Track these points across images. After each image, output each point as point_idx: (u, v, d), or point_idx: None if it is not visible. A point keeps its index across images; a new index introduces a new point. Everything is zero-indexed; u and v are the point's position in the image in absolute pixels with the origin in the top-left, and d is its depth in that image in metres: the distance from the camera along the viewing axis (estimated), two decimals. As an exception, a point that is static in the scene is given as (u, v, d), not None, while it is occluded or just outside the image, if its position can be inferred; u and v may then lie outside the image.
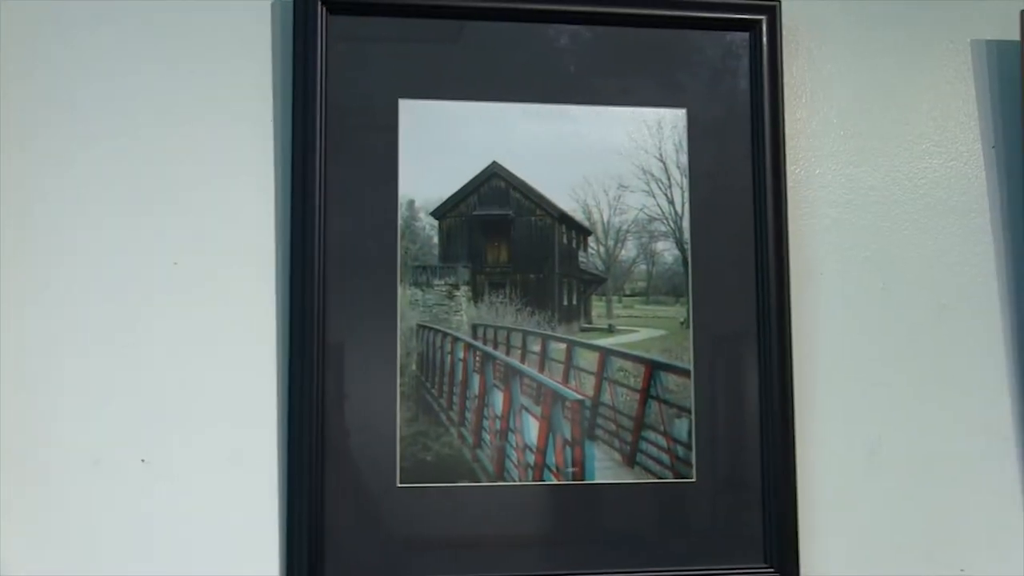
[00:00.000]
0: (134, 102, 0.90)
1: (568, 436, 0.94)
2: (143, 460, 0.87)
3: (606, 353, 0.96)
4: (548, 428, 0.94)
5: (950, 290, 1.02)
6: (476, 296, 0.95)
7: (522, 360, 0.95)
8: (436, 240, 0.95)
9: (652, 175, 0.98)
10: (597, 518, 0.94)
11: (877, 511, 0.98)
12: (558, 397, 0.95)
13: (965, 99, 1.05)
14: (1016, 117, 1.02)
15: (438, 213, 0.95)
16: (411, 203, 0.94)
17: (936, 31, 1.05)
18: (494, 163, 0.96)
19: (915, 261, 1.02)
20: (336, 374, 0.91)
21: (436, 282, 0.94)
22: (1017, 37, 1.01)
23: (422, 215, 0.95)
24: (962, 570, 0.98)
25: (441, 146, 0.95)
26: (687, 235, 0.98)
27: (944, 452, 1.00)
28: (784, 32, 1.00)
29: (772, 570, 0.94)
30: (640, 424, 0.95)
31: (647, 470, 0.95)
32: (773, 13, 1.00)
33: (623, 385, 0.96)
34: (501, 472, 0.93)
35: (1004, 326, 1.02)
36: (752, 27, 1.00)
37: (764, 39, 0.99)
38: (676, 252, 0.98)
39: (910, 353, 1.01)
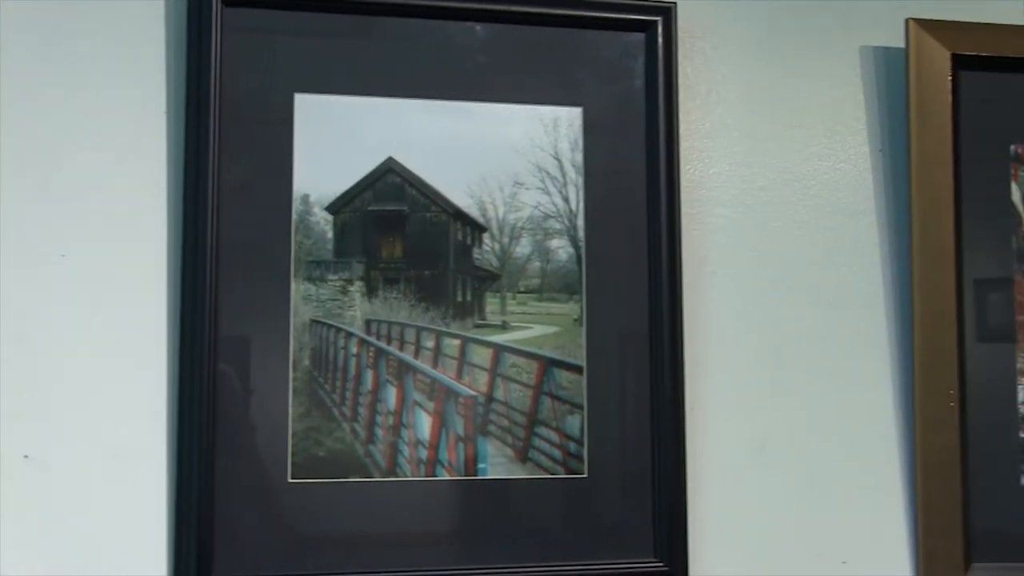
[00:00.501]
0: (24, 93, 1.01)
1: (461, 432, 1.08)
2: (26, 456, 0.98)
3: (500, 349, 1.10)
4: (441, 424, 1.08)
5: (837, 289, 1.18)
6: (370, 291, 1.07)
7: (416, 356, 1.08)
8: (330, 235, 1.07)
9: (548, 173, 1.13)
10: (489, 513, 1.08)
11: (764, 505, 1.13)
12: (451, 393, 1.08)
13: (854, 103, 1.22)
14: (902, 122, 1.20)
15: (333, 208, 1.08)
16: (306, 198, 1.07)
17: (827, 37, 1.21)
18: (390, 159, 1.10)
19: (804, 260, 1.18)
20: (227, 369, 1.03)
21: (330, 277, 1.07)
22: (903, 44, 1.19)
23: (317, 210, 1.07)
24: (844, 562, 1.14)
25: (337, 141, 1.08)
26: (581, 233, 1.13)
27: (829, 447, 1.15)
28: (680, 34, 1.15)
29: (662, 564, 1.09)
30: (533, 420, 1.09)
31: (539, 466, 1.09)
32: (669, 15, 1.15)
33: (516, 381, 1.10)
34: (393, 467, 1.06)
35: (888, 324, 1.19)
36: (648, 28, 1.15)
37: (660, 40, 1.15)
38: (570, 250, 1.13)
39: (798, 350, 1.16)
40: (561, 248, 1.11)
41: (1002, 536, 1.16)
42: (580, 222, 1.11)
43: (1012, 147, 1.21)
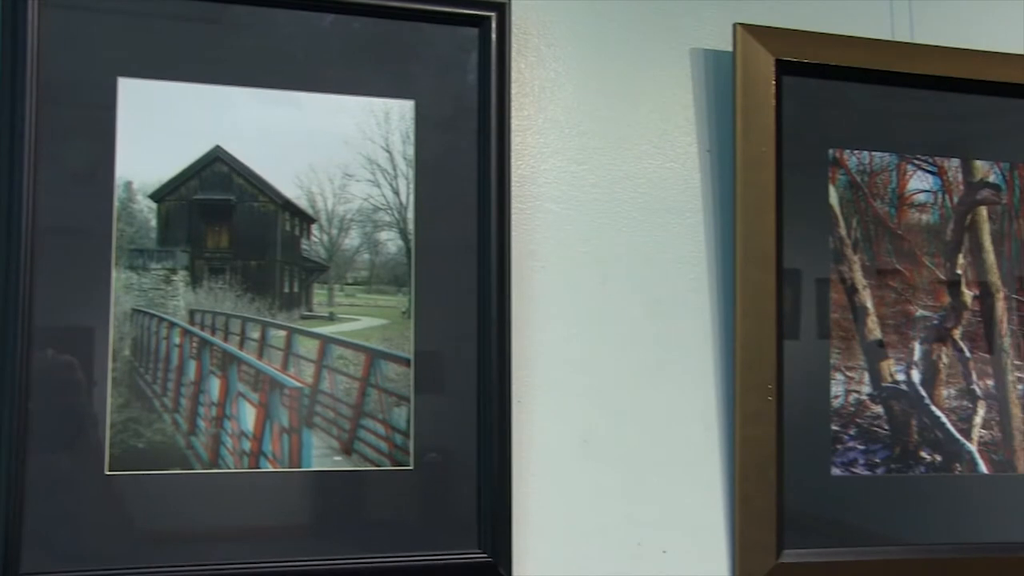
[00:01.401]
0: None
1: (286, 423, 1.34)
2: None
3: (326, 341, 1.37)
4: (265, 415, 1.34)
5: (665, 285, 1.48)
6: (195, 281, 1.33)
7: (240, 347, 1.34)
8: (154, 223, 1.32)
9: (378, 165, 1.41)
10: (313, 505, 1.34)
11: (587, 497, 1.40)
12: (276, 384, 1.35)
13: (684, 104, 1.54)
14: (729, 123, 1.53)
15: (157, 196, 1.32)
16: (128, 185, 1.31)
17: (659, 39, 1.51)
18: (217, 147, 1.35)
19: (633, 257, 1.47)
20: (43, 359, 1.25)
21: (153, 266, 1.32)
22: (731, 48, 1.53)
23: (140, 197, 1.32)
24: (664, 552, 1.46)
25: (163, 128, 1.31)
26: (411, 226, 1.41)
27: (653, 441, 1.44)
28: (514, 30, 1.44)
29: (486, 556, 1.35)
30: (359, 412, 1.37)
31: (365, 458, 1.37)
32: (503, 11, 1.43)
33: (343, 373, 1.37)
34: (215, 459, 1.32)
35: (711, 320, 1.51)
36: (481, 23, 1.43)
37: (493, 36, 1.43)
38: (400, 242, 1.41)
39: (624, 345, 1.45)
40: (390, 240, 1.39)
41: (813, 524, 1.50)
42: (410, 215, 1.39)
43: (831, 151, 1.56)
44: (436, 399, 1.31)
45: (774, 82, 1.44)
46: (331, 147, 1.30)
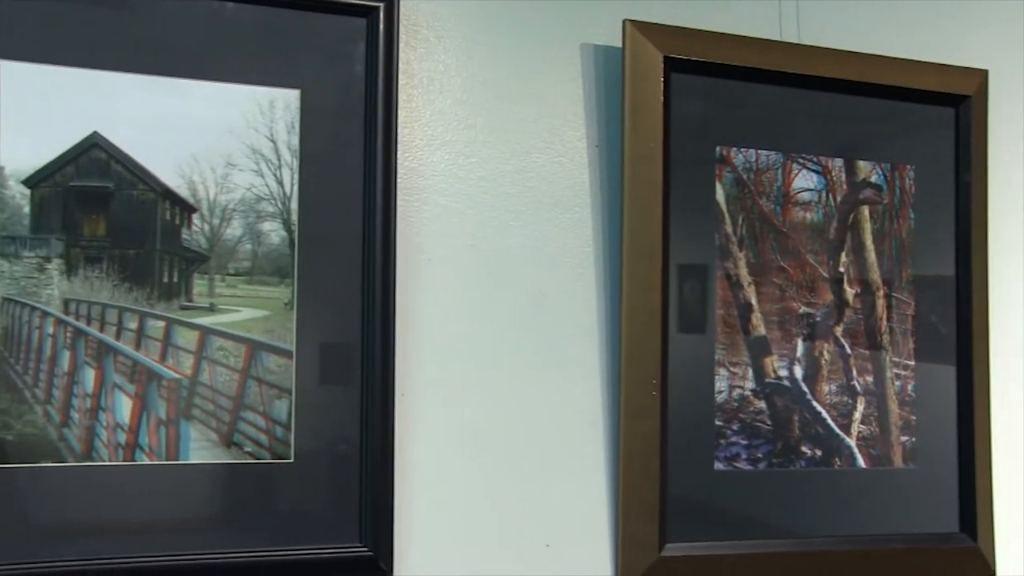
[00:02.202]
0: None
1: (163, 415, 1.34)
2: None
3: (206, 332, 1.37)
4: (142, 407, 1.34)
5: (551, 280, 1.52)
6: (70, 270, 1.32)
7: (117, 337, 1.34)
8: (27, 210, 1.31)
9: (262, 155, 1.41)
10: (191, 499, 1.34)
11: (472, 491, 1.42)
12: (154, 375, 1.35)
13: (573, 99, 1.57)
14: (618, 119, 1.57)
15: (30, 182, 1.31)
16: (0, 170, 1.31)
17: (549, 33, 1.54)
18: (95, 133, 1.34)
19: (519, 251, 1.50)
20: (-92, 348, 1.24)
21: (25, 254, 1.31)
22: (621, 44, 1.56)
23: (12, 183, 1.31)
24: (548, 545, 1.50)
25: (40, 112, 1.28)
26: (295, 216, 1.42)
27: (538, 435, 1.47)
28: (403, 21, 1.45)
29: (367, 550, 1.38)
30: (239, 404, 1.37)
31: (244, 450, 1.38)
32: (391, 2, 1.41)
33: (223, 365, 1.38)
34: (89, 452, 1.31)
35: (598, 315, 1.56)
36: (369, 14, 1.43)
37: (381, 27, 1.44)
38: (283, 233, 1.42)
39: (511, 339, 1.48)
40: (273, 231, 1.40)
41: (696, 518, 1.55)
42: (294, 205, 1.41)
43: (718, 149, 1.61)
44: (318, 391, 1.32)
45: (662, 79, 1.48)
46: (214, 136, 1.31)
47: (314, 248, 1.34)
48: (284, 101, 1.34)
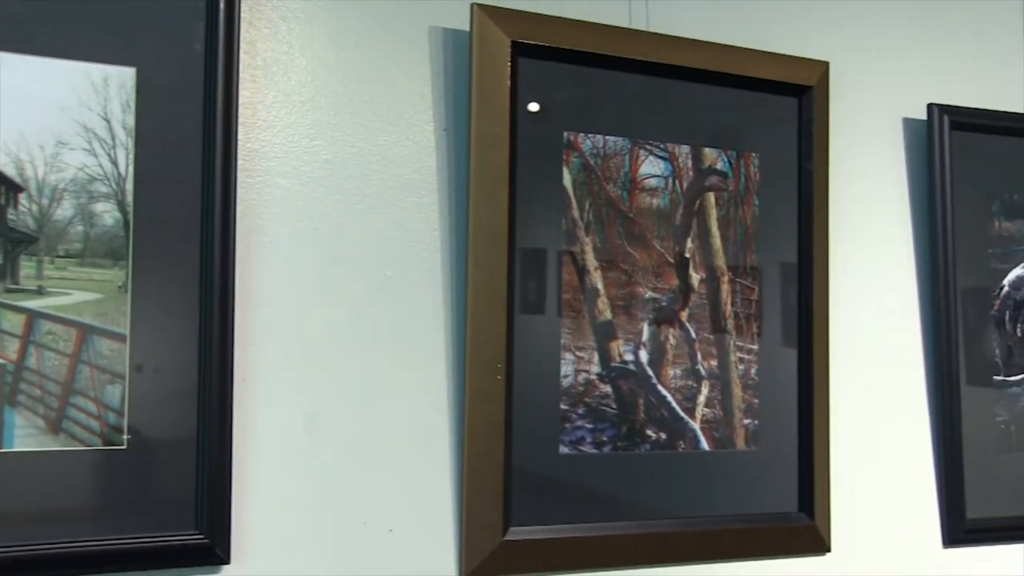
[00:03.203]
0: None
1: (-13, 401, 1.32)
2: None
3: (34, 315, 1.35)
4: (-36, 393, 1.31)
5: (397, 263, 1.53)
6: None
7: (-63, 321, 1.31)
8: None
9: (95, 134, 1.39)
10: (17, 488, 1.32)
11: (312, 476, 1.43)
12: (-23, 360, 1.32)
13: (420, 82, 1.58)
14: (465, 103, 1.59)
15: None
16: None
17: (396, 15, 1.54)
18: (-86, 108, 1.31)
19: (364, 234, 1.51)
20: None
21: None
22: (468, 28, 1.58)
23: None
24: (390, 531, 1.51)
25: None
26: (130, 198, 1.40)
27: (382, 419, 1.48)
28: (246, 0, 1.46)
29: (203, 537, 1.38)
30: (69, 390, 1.35)
31: (74, 437, 1.35)
32: (232, -21, 1.45)
33: (52, 349, 1.35)
34: (-94, 439, 1.28)
35: (444, 299, 1.57)
36: (209, -9, 1.45)
37: (222, 5, 1.43)
38: (117, 214, 1.40)
39: (354, 323, 1.48)
40: (107, 212, 1.38)
41: (540, 502, 1.58)
42: (129, 186, 1.38)
43: (565, 134, 1.64)
44: (153, 376, 1.31)
45: (510, 64, 1.50)
46: (44, 113, 1.29)
47: (150, 230, 1.33)
48: (119, 79, 1.33)
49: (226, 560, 1.30)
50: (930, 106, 1.85)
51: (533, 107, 1.56)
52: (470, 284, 1.46)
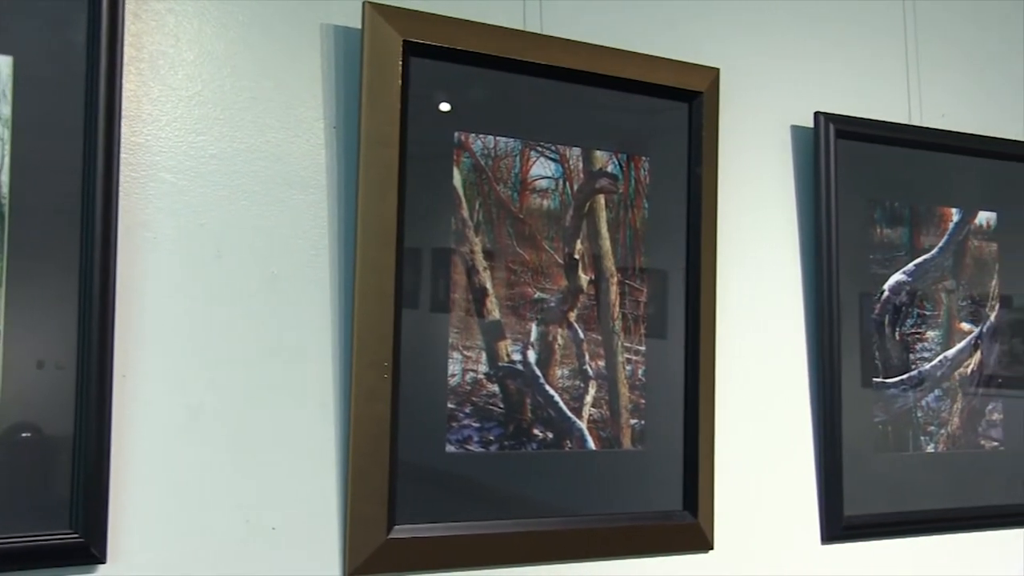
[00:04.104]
0: None
1: None
2: None
3: (-97, 309, 1.32)
4: None
5: (284, 260, 1.52)
6: None
7: None
8: None
9: (-29, 124, 1.37)
10: None
11: (194, 474, 1.41)
12: None
13: (311, 79, 1.58)
14: (356, 101, 1.59)
15: None
16: None
17: (287, 11, 1.52)
18: None
19: (251, 231, 1.49)
20: None
21: None
22: (360, 26, 1.58)
23: None
24: (273, 529, 1.51)
25: None
26: (5, 190, 1.37)
27: (266, 417, 1.47)
28: (130, -10, 1.44)
29: (77, 536, 1.36)
30: (-60, 385, 1.33)
31: (-55, 433, 1.33)
32: (117, -31, 1.43)
33: (-78, 344, 1.32)
34: None
35: (331, 297, 1.55)
36: (92, -19, 1.42)
37: (105, -6, 1.43)
38: (-7, 207, 1.37)
39: (240, 321, 1.46)
40: (-18, 204, 1.35)
41: (426, 500, 1.59)
42: (4, 178, 1.36)
43: (456, 134, 1.65)
44: (29, 372, 1.29)
45: (401, 63, 1.50)
46: (-84, 101, 1.25)
47: (27, 223, 1.31)
48: (-4, 68, 1.30)
49: (102, 559, 1.29)
50: (817, 114, 1.89)
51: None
52: (357, 282, 1.46)
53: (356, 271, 1.46)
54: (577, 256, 1.63)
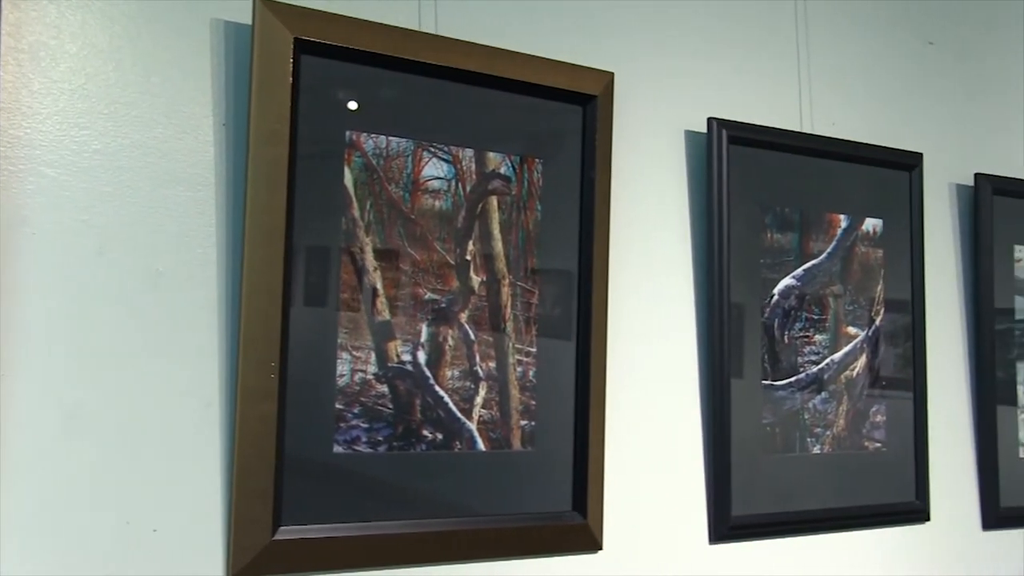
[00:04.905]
0: None
1: None
2: None
3: None
4: None
5: (169, 258, 1.49)
6: None
7: None
8: None
9: None
10: None
11: (74, 475, 1.35)
12: None
13: (200, 75, 1.56)
14: (245, 98, 1.59)
15: None
16: None
17: (176, 6, 1.46)
18: None
19: (136, 228, 1.46)
20: None
21: None
22: (251, 22, 1.57)
23: None
24: (155, 531, 1.49)
25: None
26: None
27: (149, 417, 1.43)
28: (12, -20, 1.42)
29: (-48, 536, 1.35)
30: None
31: None
32: (-3, -41, 1.41)
33: None
34: None
35: (219, 296, 1.53)
36: (-27, -30, 1.40)
37: (-13, -15, 1.41)
38: None
39: (123, 319, 1.43)
40: None
41: (312, 501, 1.59)
42: None
43: (348, 133, 1.65)
44: (-101, 371, 1.26)
45: (292, 60, 1.50)
46: None
47: (-101, 217, 1.27)
48: None
49: (-27, 563, 1.26)
50: (710, 120, 1.93)
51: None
52: (245, 281, 1.46)
53: (244, 269, 1.46)
54: (469, 257, 1.65)
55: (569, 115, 1.77)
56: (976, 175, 2.33)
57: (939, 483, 2.22)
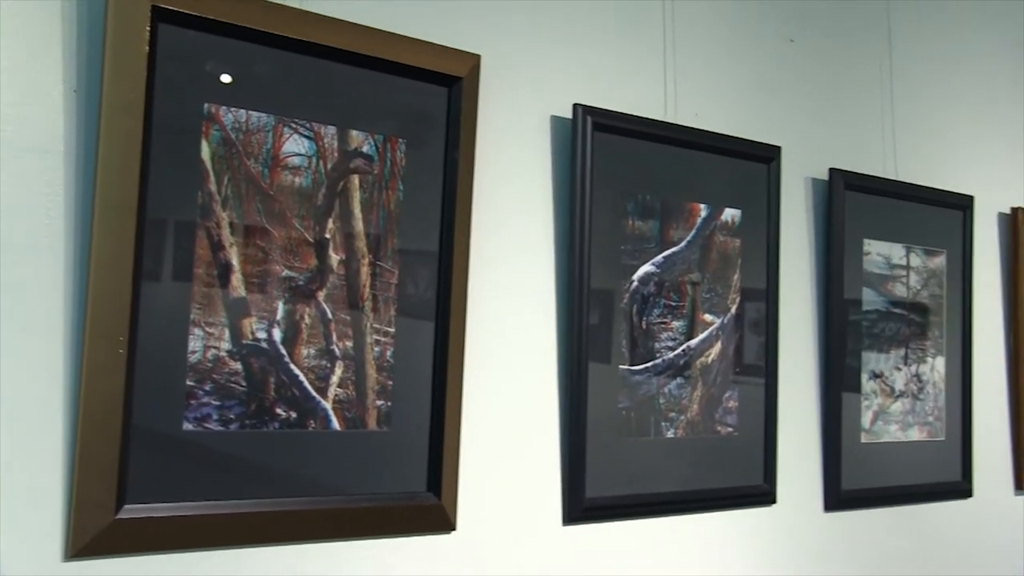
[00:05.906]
0: None
1: None
2: None
3: None
4: None
5: (13, 227, 1.39)
6: None
7: None
8: None
9: None
10: None
11: None
12: None
13: (51, 40, 1.42)
14: (99, 66, 1.54)
15: None
16: None
17: None
18: None
19: (-22, 196, 1.45)
20: None
21: None
22: (106, -13, 1.52)
23: None
24: (-8, 507, 1.44)
25: None
26: None
27: None
28: None
29: None
30: None
31: None
32: None
33: None
34: None
35: (65, 268, 1.45)
36: None
37: None
38: None
39: None
40: None
41: (160, 479, 1.56)
42: None
43: (206, 106, 1.62)
44: None
45: (148, 28, 1.47)
46: None
47: None
48: None
49: None
50: (575, 106, 1.95)
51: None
52: (93, 253, 1.42)
53: (92, 241, 1.42)
54: (328, 235, 1.64)
55: (434, 96, 1.76)
56: (831, 170, 2.40)
57: (786, 467, 2.29)
